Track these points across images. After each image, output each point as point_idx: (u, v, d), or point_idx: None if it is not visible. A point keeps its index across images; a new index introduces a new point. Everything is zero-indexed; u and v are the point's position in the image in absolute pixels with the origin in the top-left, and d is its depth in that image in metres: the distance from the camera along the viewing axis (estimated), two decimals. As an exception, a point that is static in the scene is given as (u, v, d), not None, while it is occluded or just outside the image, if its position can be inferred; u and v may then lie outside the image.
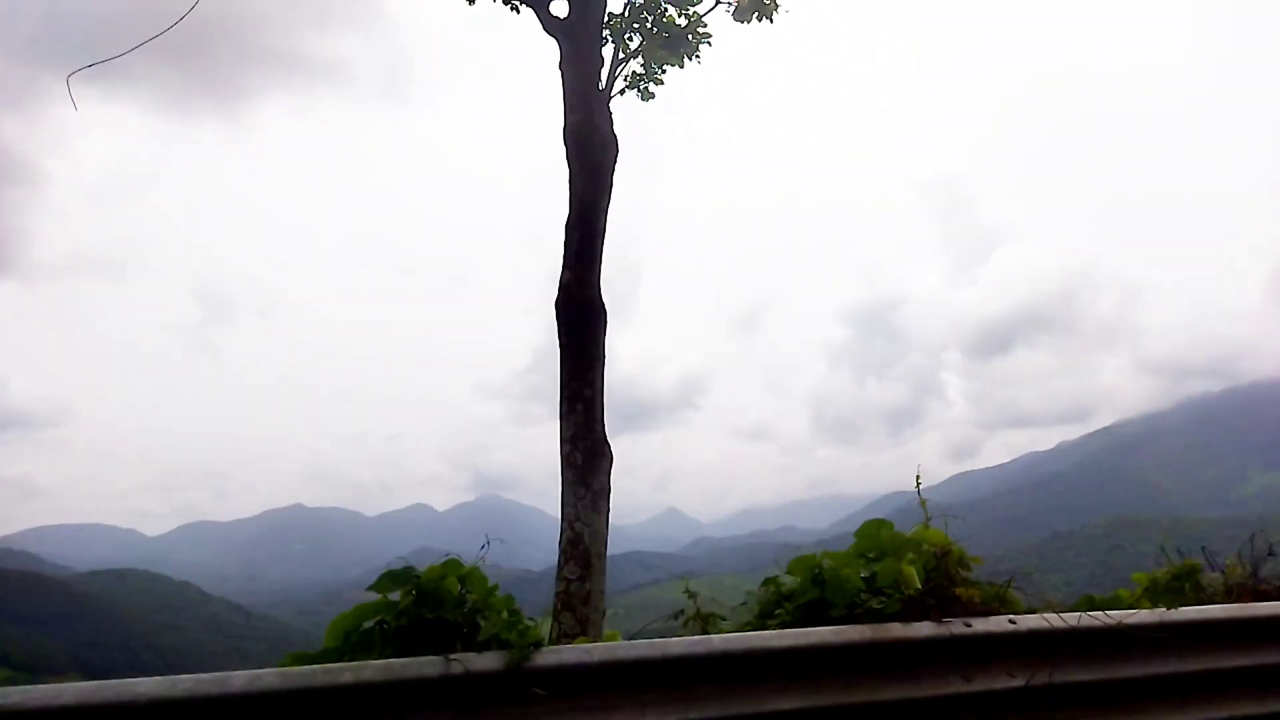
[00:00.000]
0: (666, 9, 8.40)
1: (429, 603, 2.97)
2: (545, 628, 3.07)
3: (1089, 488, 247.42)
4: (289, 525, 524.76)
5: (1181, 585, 3.93)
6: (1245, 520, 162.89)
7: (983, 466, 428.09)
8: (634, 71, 8.63)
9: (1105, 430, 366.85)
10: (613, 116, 7.20)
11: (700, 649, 2.92)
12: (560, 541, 6.40)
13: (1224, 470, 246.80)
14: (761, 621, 3.48)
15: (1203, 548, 4.17)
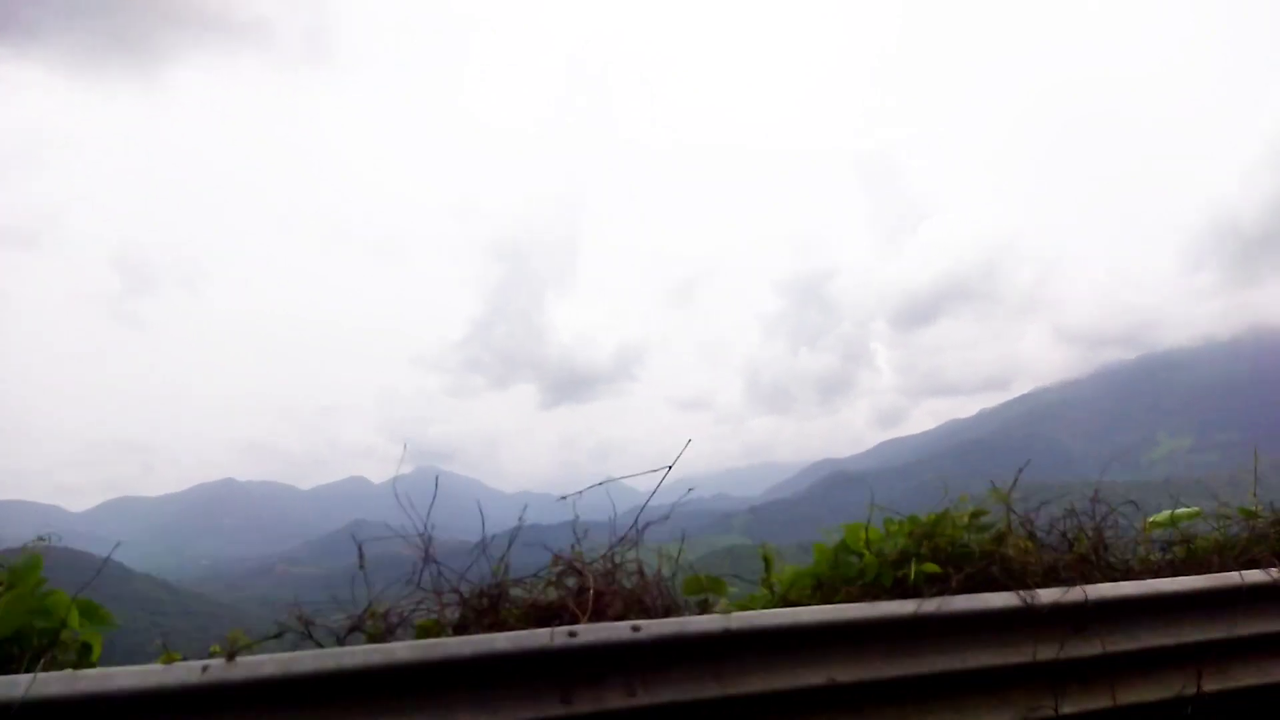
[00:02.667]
0: None
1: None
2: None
3: (1006, 453, 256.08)
4: (219, 500, 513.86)
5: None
6: (1152, 484, 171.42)
7: (908, 434, 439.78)
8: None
9: (1023, 398, 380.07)
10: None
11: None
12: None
13: (1134, 436, 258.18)
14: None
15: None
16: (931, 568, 3.07)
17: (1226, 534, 3.83)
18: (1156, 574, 3.55)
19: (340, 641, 2.60)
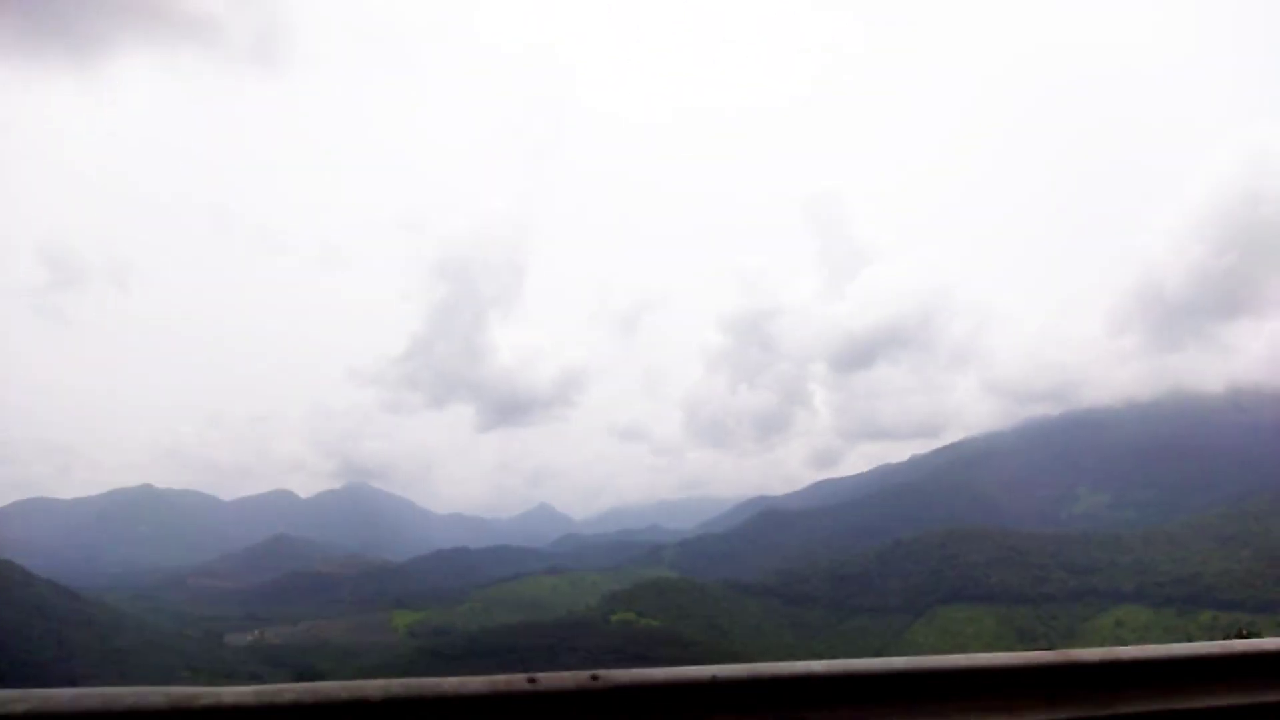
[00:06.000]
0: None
1: None
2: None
3: (932, 500, 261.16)
4: (136, 506, 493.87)
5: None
6: (1070, 536, 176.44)
7: (842, 475, 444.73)
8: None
9: (953, 446, 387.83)
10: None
11: None
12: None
13: (1056, 489, 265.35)
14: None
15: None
16: None
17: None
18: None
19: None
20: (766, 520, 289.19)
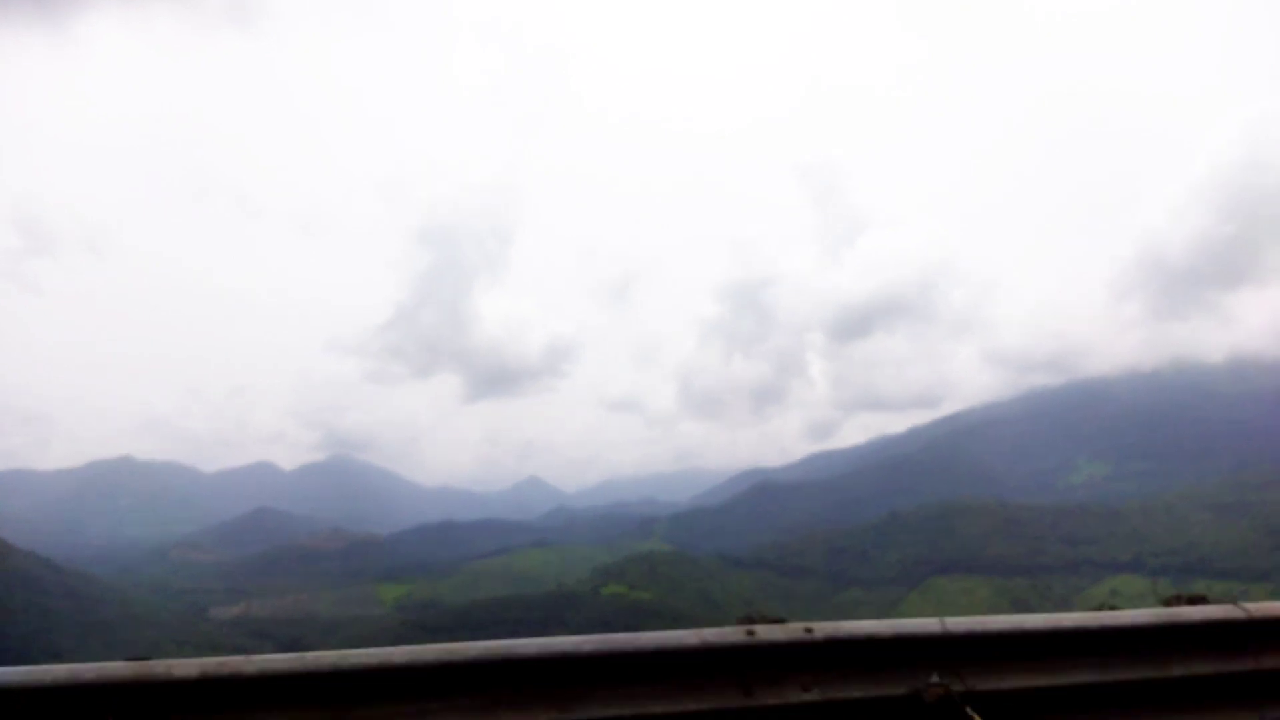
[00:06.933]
0: None
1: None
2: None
3: (930, 472, 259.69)
4: (116, 477, 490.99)
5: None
6: (1067, 508, 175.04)
7: (838, 447, 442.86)
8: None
9: (951, 417, 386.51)
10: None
11: None
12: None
13: (1054, 460, 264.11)
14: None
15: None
16: None
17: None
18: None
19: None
20: (761, 493, 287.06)
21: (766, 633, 2.80)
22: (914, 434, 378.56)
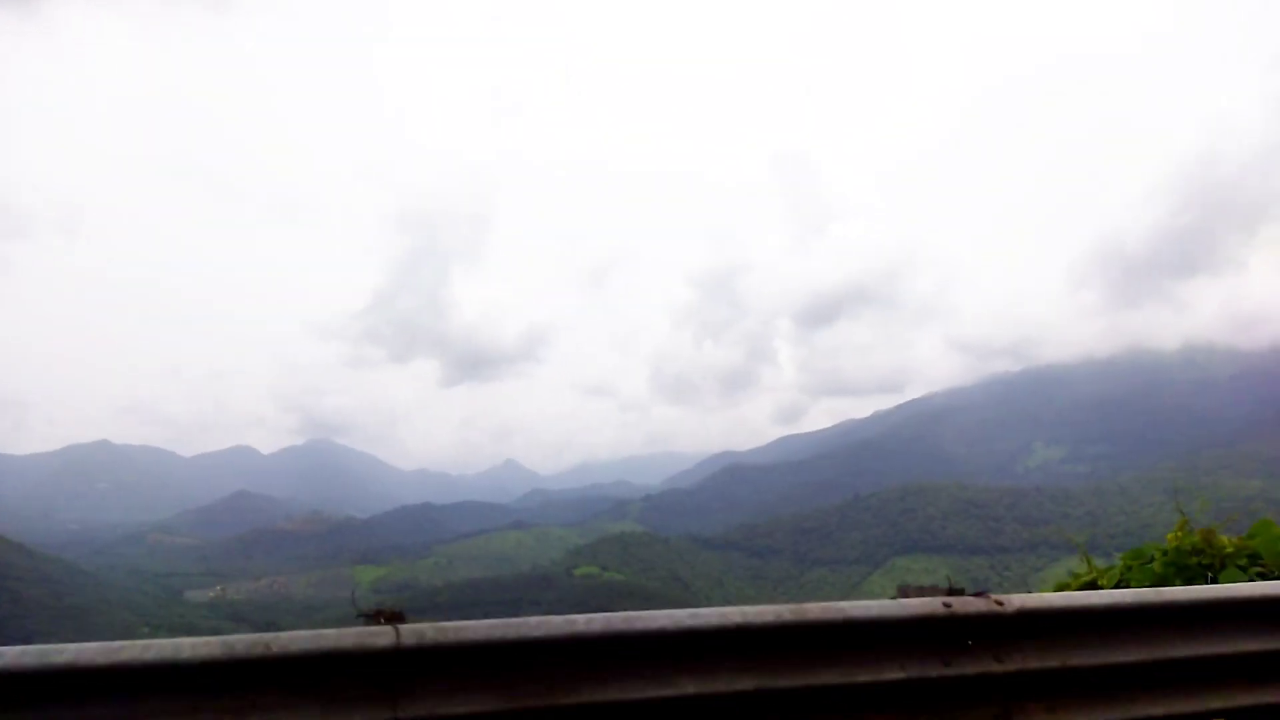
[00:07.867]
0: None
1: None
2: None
3: (893, 455, 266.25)
4: (93, 461, 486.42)
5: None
6: (1023, 490, 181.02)
7: (806, 431, 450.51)
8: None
9: (914, 402, 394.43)
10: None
11: None
12: None
13: (1012, 444, 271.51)
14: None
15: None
16: None
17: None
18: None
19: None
20: (731, 475, 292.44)
21: (960, 606, 2.85)
22: (878, 418, 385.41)
